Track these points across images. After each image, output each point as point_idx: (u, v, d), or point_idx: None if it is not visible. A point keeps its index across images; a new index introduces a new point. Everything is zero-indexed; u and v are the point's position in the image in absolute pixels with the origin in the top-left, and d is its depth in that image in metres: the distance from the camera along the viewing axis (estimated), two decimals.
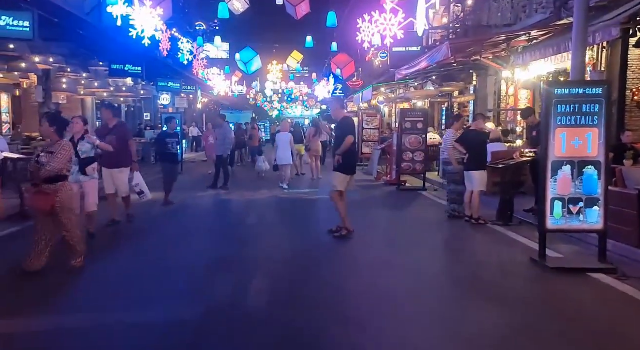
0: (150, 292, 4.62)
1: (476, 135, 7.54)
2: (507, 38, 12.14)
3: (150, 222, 7.90)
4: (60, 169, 4.95)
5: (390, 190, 11.91)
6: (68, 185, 5.08)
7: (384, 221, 8.11)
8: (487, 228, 7.33)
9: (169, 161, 9.56)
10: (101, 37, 11.80)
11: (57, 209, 4.88)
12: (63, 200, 4.94)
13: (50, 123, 5.06)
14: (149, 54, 15.08)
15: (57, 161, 4.90)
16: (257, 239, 6.76)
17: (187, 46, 17.45)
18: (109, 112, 7.41)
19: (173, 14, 13.80)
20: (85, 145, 6.00)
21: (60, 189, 4.96)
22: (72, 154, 5.12)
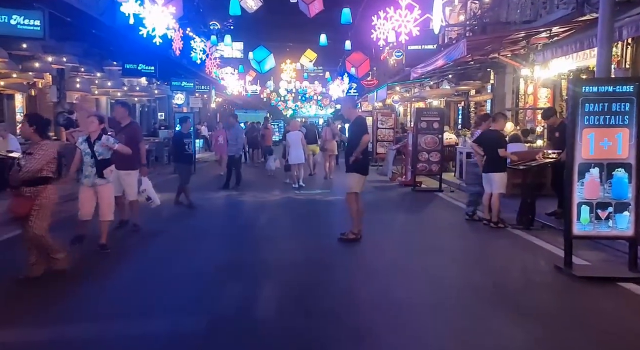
0: (155, 300, 4.44)
1: (496, 136, 7.23)
2: (527, 35, 11.78)
3: (159, 224, 7.71)
4: (38, 169, 4.68)
5: (406, 192, 11.63)
6: (51, 189, 4.81)
7: (399, 224, 7.84)
8: (507, 232, 7.02)
9: (184, 162, 9.33)
10: (114, 36, 11.74)
11: (33, 212, 4.65)
12: (42, 204, 4.69)
13: (29, 123, 4.84)
14: (162, 53, 15.02)
15: (35, 162, 4.67)
16: (267, 242, 6.55)
17: (200, 45, 17.33)
18: (123, 110, 6.96)
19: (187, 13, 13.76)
20: (102, 146, 5.68)
21: (42, 191, 4.72)
22: (53, 154, 4.83)
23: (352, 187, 6.41)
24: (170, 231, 7.26)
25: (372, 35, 12.04)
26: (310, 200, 10.46)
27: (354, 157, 6.28)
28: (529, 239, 6.55)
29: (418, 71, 15.32)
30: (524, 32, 11.57)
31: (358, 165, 6.39)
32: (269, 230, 7.36)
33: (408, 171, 12.71)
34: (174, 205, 9.03)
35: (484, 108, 19.02)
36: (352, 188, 6.42)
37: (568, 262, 4.96)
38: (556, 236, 6.62)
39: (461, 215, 8.47)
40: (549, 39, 11.68)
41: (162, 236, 6.94)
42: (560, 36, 11.30)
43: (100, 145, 5.65)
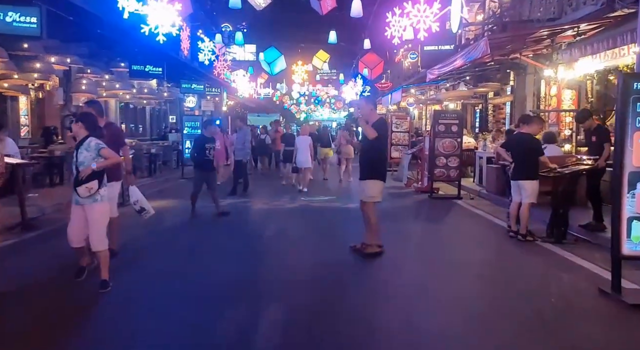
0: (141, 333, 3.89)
1: (528, 140, 6.57)
2: (552, 33, 11.11)
3: (159, 235, 7.20)
4: None
5: (422, 199, 10.99)
6: None
7: (417, 236, 7.18)
8: (537, 246, 6.36)
9: (204, 169, 8.56)
10: (119, 36, 11.31)
11: None
12: None
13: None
14: (170, 54, 14.62)
15: None
16: (275, 257, 5.95)
17: (209, 45, 16.89)
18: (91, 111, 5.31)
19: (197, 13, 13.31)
20: (84, 153, 4.56)
21: None
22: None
23: (373, 196, 5.79)
24: (169, 244, 6.70)
25: (386, 33, 11.39)
26: (323, 208, 9.87)
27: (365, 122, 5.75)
28: (563, 255, 5.88)
29: (435, 72, 14.71)
30: (548, 30, 10.90)
31: (378, 171, 5.85)
32: (276, 243, 6.76)
33: (424, 177, 12.08)
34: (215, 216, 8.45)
35: (503, 111, 18.36)
36: (373, 197, 5.79)
37: (616, 286, 4.31)
38: (593, 252, 5.97)
39: (484, 226, 7.83)
40: (575, 38, 11.01)
41: (161, 249, 6.39)
42: (587, 34, 10.62)
43: (84, 150, 4.58)
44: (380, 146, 5.88)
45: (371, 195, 5.79)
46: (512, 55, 13.87)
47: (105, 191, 4.67)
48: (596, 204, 6.67)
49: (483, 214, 8.86)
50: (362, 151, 5.99)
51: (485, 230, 7.50)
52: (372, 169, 5.81)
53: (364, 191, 5.84)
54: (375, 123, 5.80)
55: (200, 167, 8.66)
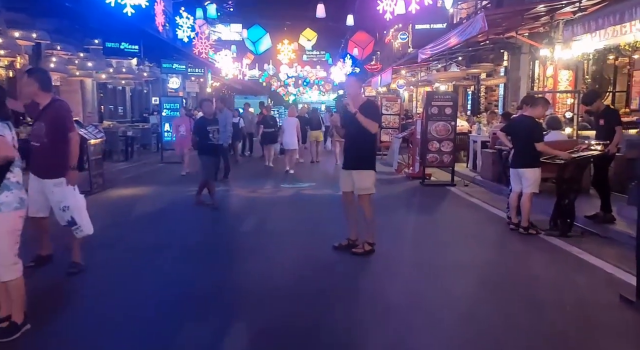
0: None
1: (529, 124, 5.96)
2: (551, 9, 10.46)
3: (123, 228, 6.51)
4: None
5: (413, 186, 10.40)
6: None
7: (409, 232, 6.50)
8: (541, 240, 5.81)
9: (207, 153, 7.72)
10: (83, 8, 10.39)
11: None
12: None
13: None
14: (147, 31, 13.73)
15: None
16: (252, 257, 5.25)
17: (188, 22, 15.94)
18: (32, 83, 4.32)
19: None
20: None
21: None
22: None
23: (370, 188, 5.22)
24: (130, 241, 5.98)
25: (378, 6, 10.65)
26: (308, 196, 9.24)
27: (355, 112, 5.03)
28: (571, 251, 5.32)
29: (427, 52, 14.02)
30: (547, 5, 10.24)
31: (371, 159, 5.28)
32: (252, 240, 6.00)
33: (416, 162, 11.48)
34: (194, 206, 7.75)
35: (496, 93, 17.80)
36: (369, 188, 5.21)
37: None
38: (604, 247, 5.44)
39: (482, 217, 7.26)
40: (574, 15, 10.37)
41: (118, 248, 5.66)
42: (588, 11, 9.99)
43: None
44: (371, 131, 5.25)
45: (367, 187, 5.19)
46: (508, 33, 13.24)
47: (10, 197, 3.22)
48: (604, 193, 6.12)
49: (479, 203, 8.30)
50: (349, 137, 5.28)
51: (484, 222, 6.92)
52: (364, 158, 5.20)
53: (356, 183, 5.18)
54: (365, 107, 5.11)
55: (201, 151, 7.78)
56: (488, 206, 7.97)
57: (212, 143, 7.66)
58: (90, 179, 8.62)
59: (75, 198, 4.50)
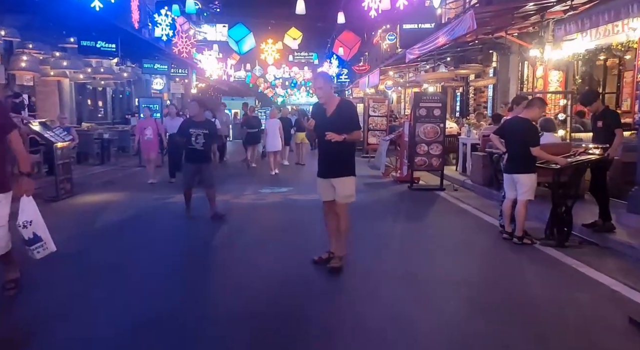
0: None
1: (525, 127, 5.56)
2: (541, 7, 10.15)
3: (84, 240, 5.96)
4: None
5: (401, 190, 9.98)
6: None
7: (395, 242, 6.06)
8: (537, 252, 5.40)
9: (192, 160, 6.96)
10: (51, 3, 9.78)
11: None
12: None
13: None
14: (125, 29, 13.16)
15: None
16: (220, 275, 4.72)
17: (166, 20, 15.39)
18: None
19: None
20: None
21: None
22: None
23: (352, 195, 4.76)
24: (83, 259, 5.50)
25: (363, 3, 10.24)
26: (290, 201, 8.77)
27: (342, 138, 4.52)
28: (569, 264, 4.91)
29: (415, 52, 13.66)
30: (535, 3, 9.92)
31: (352, 165, 4.79)
32: (221, 254, 5.49)
33: (404, 165, 11.07)
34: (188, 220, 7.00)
35: (485, 94, 17.53)
36: (351, 196, 4.75)
37: None
38: (605, 259, 5.05)
39: (473, 225, 6.85)
40: (565, 14, 10.08)
41: (65, 269, 5.17)
42: (579, 10, 9.68)
43: None
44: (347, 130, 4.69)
45: (349, 194, 4.73)
46: (497, 33, 12.95)
47: None
48: (602, 199, 5.75)
49: (470, 209, 7.90)
50: (325, 143, 4.63)
51: (475, 231, 6.50)
52: (344, 164, 4.73)
53: (338, 191, 4.70)
54: (341, 109, 4.65)
55: (187, 158, 7.08)
56: (479, 212, 7.57)
57: (193, 148, 6.90)
58: (56, 185, 8.07)
59: (36, 211, 3.97)
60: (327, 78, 4.94)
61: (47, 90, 16.92)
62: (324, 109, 4.72)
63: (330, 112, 4.68)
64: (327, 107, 4.70)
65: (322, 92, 4.66)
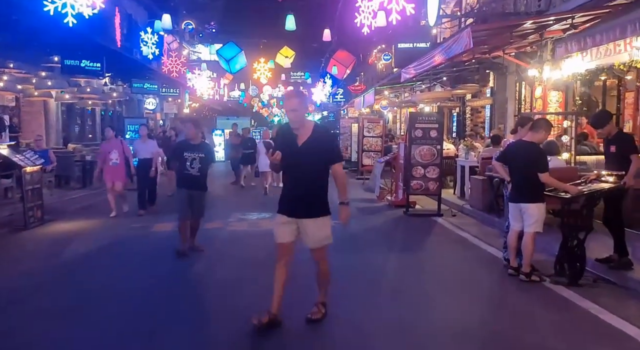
0: None
1: (532, 151, 5.05)
2: (540, 26, 9.80)
3: (40, 276, 5.32)
4: None
5: (396, 216, 9.42)
6: None
7: (388, 276, 5.46)
8: (548, 291, 4.83)
9: (186, 186, 6.22)
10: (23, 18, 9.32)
11: None
12: None
13: None
14: (110, 48, 12.77)
15: None
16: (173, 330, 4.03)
17: (153, 38, 15.00)
18: None
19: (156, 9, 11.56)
20: None
21: None
22: None
23: (330, 236, 4.01)
24: (37, 300, 4.89)
25: (355, 19, 9.86)
26: None
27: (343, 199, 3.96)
28: (587, 308, 4.33)
29: (411, 71, 13.29)
30: (536, 22, 9.58)
31: (326, 201, 3.97)
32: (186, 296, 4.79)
33: (399, 188, 10.55)
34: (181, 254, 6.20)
35: (482, 114, 17.19)
36: (329, 237, 4.00)
37: None
38: (624, 302, 4.48)
39: (475, 258, 6.28)
40: (564, 33, 9.73)
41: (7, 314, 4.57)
42: (579, 29, 9.33)
43: None
44: (325, 166, 3.96)
45: (327, 236, 3.98)
46: (494, 53, 12.61)
47: None
48: (618, 232, 5.20)
49: (470, 238, 7.34)
50: (296, 176, 3.91)
51: (477, 265, 5.92)
52: (322, 201, 3.93)
53: (312, 235, 3.92)
54: (317, 136, 3.88)
55: (178, 185, 6.34)
56: (480, 242, 7.02)
57: (188, 173, 6.15)
58: (25, 212, 7.49)
59: None
60: (302, 98, 4.10)
61: (33, 111, 16.46)
62: (295, 135, 3.89)
63: (303, 140, 3.86)
64: (299, 133, 3.88)
65: (295, 115, 3.86)
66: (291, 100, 3.89)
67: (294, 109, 3.86)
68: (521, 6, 12.53)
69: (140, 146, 9.44)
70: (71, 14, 6.83)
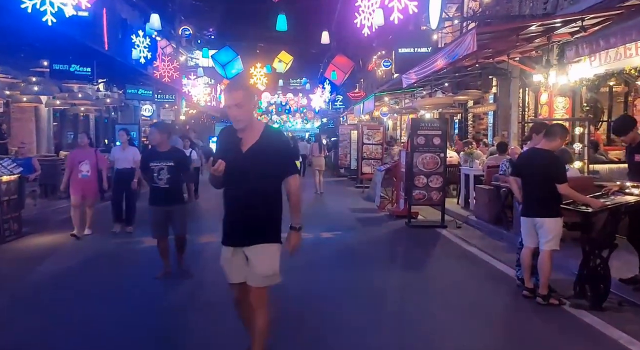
0: None
1: (548, 160, 4.57)
2: (548, 28, 9.37)
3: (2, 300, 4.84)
4: None
5: (398, 227, 8.93)
6: None
7: (389, 297, 4.95)
8: (568, 316, 4.32)
9: (150, 201, 5.55)
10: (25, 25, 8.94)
11: None
12: None
13: None
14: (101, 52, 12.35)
15: None
16: None
17: (144, 41, 14.59)
18: None
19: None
20: None
21: None
22: None
23: (276, 274, 3.06)
24: None
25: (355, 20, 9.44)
26: None
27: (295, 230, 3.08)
28: (615, 337, 3.83)
29: (412, 76, 12.84)
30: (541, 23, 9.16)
31: (277, 226, 3.09)
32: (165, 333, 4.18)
33: (400, 198, 10.06)
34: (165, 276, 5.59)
35: (484, 121, 16.78)
36: (276, 275, 3.06)
37: None
38: None
39: (483, 275, 5.78)
40: (572, 36, 9.31)
41: None
42: (588, 32, 8.92)
43: None
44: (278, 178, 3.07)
45: (272, 273, 3.02)
46: (498, 57, 12.20)
47: None
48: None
49: (477, 252, 6.85)
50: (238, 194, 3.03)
51: (488, 284, 5.42)
52: (269, 223, 3.05)
53: (255, 267, 3.01)
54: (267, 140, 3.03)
55: (151, 199, 5.56)
56: (488, 257, 6.52)
57: (157, 186, 5.42)
58: (1, 225, 6.99)
59: None
60: (248, 91, 3.13)
61: (24, 117, 16.02)
62: (239, 139, 3.01)
63: (248, 145, 3.00)
64: (244, 136, 3.01)
65: (239, 113, 2.95)
66: (233, 93, 2.99)
67: (237, 104, 2.94)
68: (526, 9, 12.13)
69: (120, 154, 8.01)
70: (50, 12, 6.36)
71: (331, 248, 7.21)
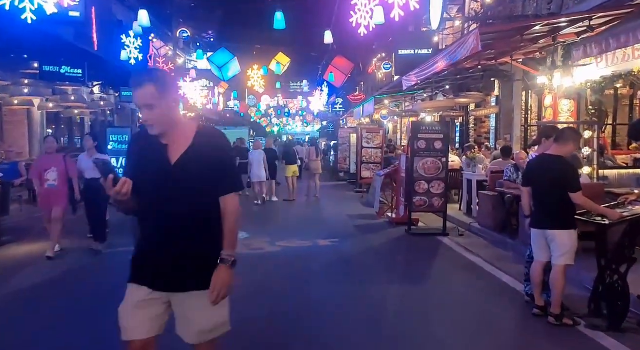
0: None
1: (560, 167, 4.20)
2: (554, 28, 9.03)
3: None
4: None
5: (397, 235, 8.55)
6: None
7: (388, 314, 4.59)
8: (584, 338, 3.94)
9: None
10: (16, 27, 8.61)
11: None
12: None
13: None
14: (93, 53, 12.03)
15: None
16: None
17: (136, 42, 14.26)
18: None
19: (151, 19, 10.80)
20: None
21: None
22: None
23: (224, 322, 2.31)
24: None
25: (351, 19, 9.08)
26: (269, 256, 7.30)
27: None
28: None
29: (413, 78, 12.49)
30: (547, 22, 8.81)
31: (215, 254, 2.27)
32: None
33: (401, 204, 9.69)
34: None
35: (486, 124, 16.44)
36: (225, 324, 2.31)
37: None
38: None
39: (489, 289, 5.39)
40: (578, 36, 8.98)
41: None
42: (595, 32, 8.57)
43: None
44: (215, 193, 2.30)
45: (222, 320, 2.30)
46: (501, 59, 11.86)
47: None
48: None
49: (481, 262, 6.46)
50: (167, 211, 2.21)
51: (494, 299, 5.04)
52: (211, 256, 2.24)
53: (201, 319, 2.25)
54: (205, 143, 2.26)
55: None
56: (493, 269, 6.14)
57: None
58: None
59: None
60: (163, 84, 2.21)
61: (16, 120, 15.72)
62: (163, 146, 2.25)
63: (178, 154, 2.24)
64: (169, 142, 2.25)
65: (153, 114, 2.18)
66: (139, 90, 2.18)
67: (148, 104, 2.17)
68: (530, 9, 11.80)
69: (86, 163, 6.72)
70: (30, 9, 6.01)
71: (328, 257, 6.86)
